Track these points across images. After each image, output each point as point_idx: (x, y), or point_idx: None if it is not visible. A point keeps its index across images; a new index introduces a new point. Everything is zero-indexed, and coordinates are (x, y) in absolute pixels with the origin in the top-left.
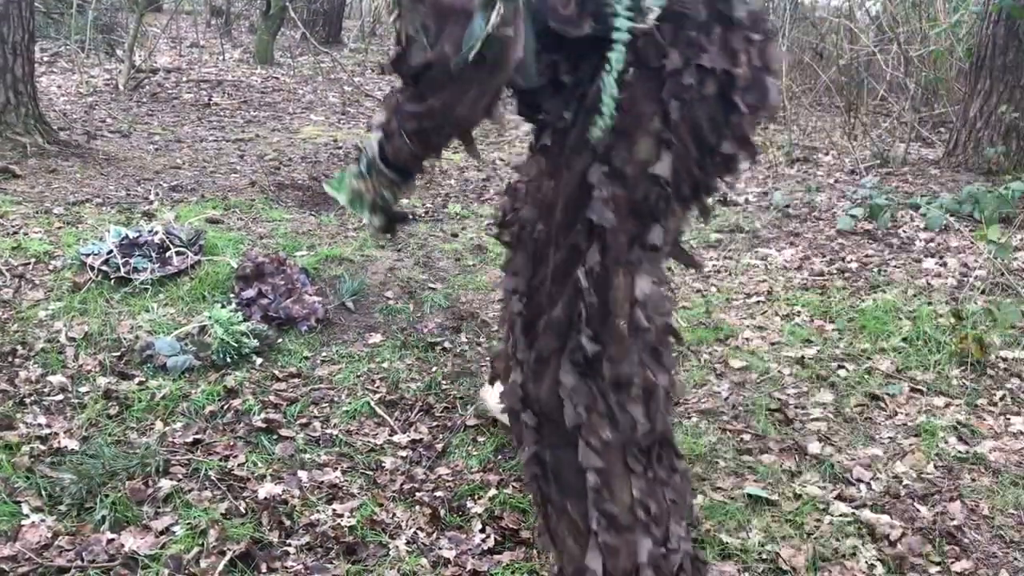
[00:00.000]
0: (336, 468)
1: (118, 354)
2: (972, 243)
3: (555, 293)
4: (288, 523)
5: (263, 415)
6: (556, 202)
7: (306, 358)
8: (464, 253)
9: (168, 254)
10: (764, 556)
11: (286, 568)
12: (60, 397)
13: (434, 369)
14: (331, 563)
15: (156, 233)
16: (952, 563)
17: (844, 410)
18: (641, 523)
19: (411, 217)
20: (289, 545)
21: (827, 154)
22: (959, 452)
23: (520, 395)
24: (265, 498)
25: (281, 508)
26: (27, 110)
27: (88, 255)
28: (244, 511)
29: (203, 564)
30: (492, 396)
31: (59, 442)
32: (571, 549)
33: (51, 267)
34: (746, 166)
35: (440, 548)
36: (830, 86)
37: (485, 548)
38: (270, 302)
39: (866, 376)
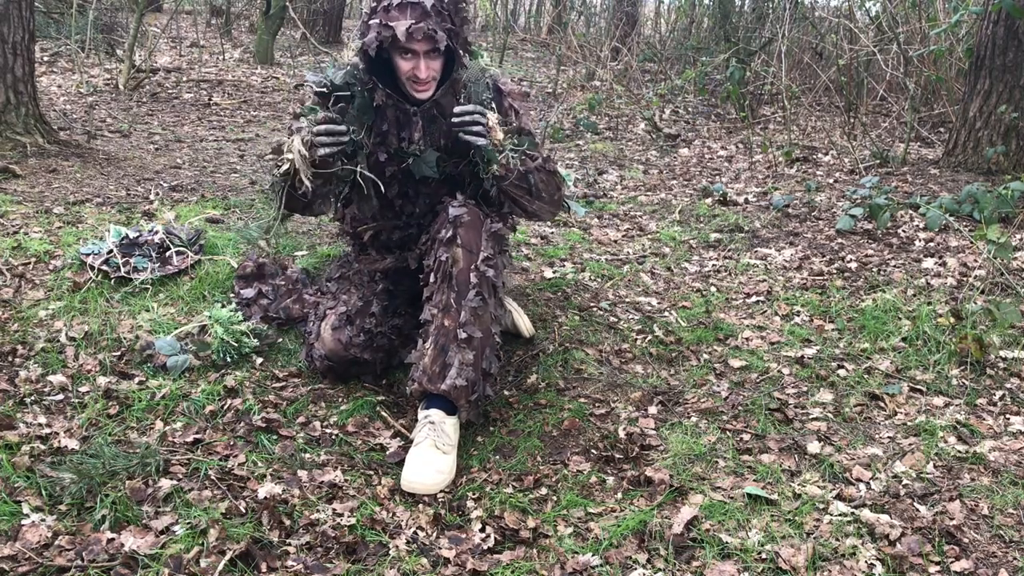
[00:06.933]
0: (336, 468)
1: (118, 354)
2: (972, 243)
3: None
4: (288, 523)
5: (263, 415)
6: None
7: None
8: None
9: (168, 254)
10: (764, 556)
11: (286, 567)
12: (60, 397)
13: None
14: (331, 562)
15: (156, 233)
16: (952, 563)
17: (844, 410)
18: None
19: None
20: (289, 544)
21: (827, 154)
22: (959, 452)
23: None
24: (265, 498)
25: (281, 508)
26: (27, 110)
27: (88, 255)
28: (244, 511)
29: (203, 564)
30: None
31: (59, 442)
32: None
33: (51, 267)
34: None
35: (440, 548)
36: (830, 86)
37: (485, 548)
38: (270, 302)
39: (866, 376)
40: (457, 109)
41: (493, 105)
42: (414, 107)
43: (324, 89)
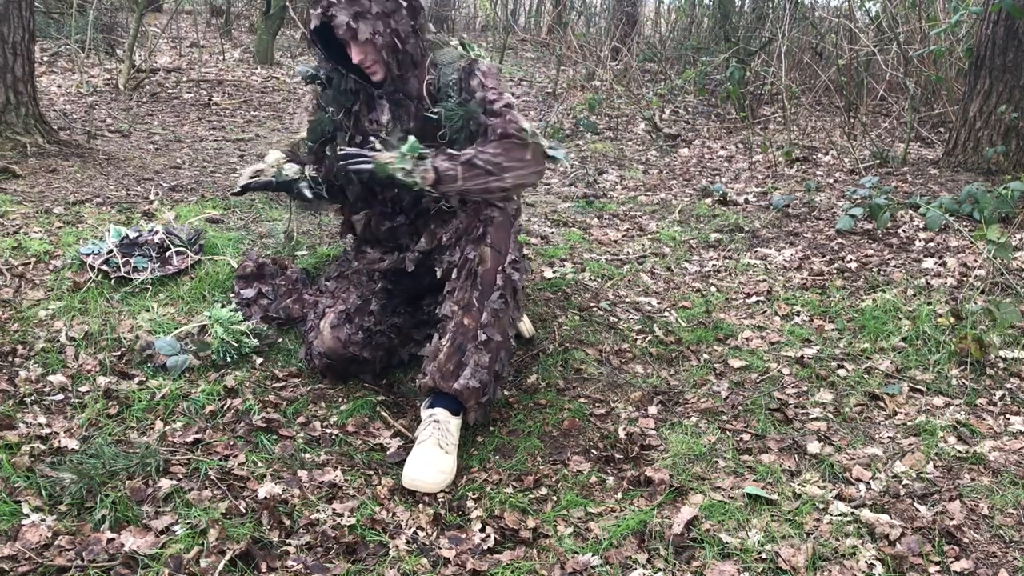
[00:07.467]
0: (336, 468)
1: (118, 354)
2: (972, 243)
3: None
4: (288, 523)
5: (263, 415)
6: None
7: None
8: None
9: (168, 254)
10: (764, 556)
11: (286, 567)
12: (60, 397)
13: None
14: (331, 562)
15: (156, 233)
16: (952, 563)
17: (844, 410)
18: None
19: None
20: (289, 544)
21: (827, 154)
22: (958, 452)
23: None
24: (265, 498)
25: (281, 508)
26: (27, 110)
27: (88, 255)
28: (244, 511)
29: (203, 564)
30: None
31: (59, 442)
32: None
33: (51, 267)
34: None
35: (440, 548)
36: (830, 86)
37: (485, 548)
38: (270, 302)
39: (866, 376)
40: (340, 155)
41: (458, 85)
42: (379, 89)
43: (309, 78)
